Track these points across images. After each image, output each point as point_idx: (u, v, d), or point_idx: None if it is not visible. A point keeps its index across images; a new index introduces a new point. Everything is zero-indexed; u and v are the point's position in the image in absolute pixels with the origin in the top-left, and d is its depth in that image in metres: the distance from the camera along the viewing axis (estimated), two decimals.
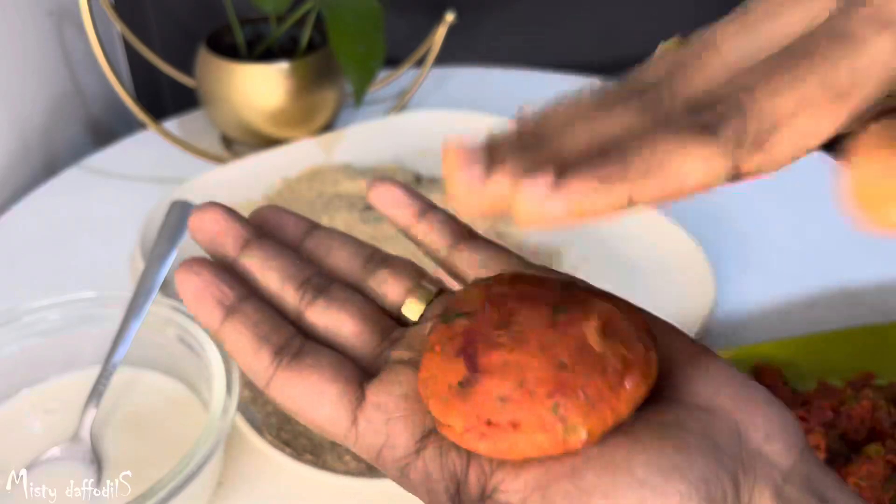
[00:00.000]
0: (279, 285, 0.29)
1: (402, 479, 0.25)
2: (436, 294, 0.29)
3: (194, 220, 0.29)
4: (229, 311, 0.27)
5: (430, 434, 0.25)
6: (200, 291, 0.27)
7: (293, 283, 0.29)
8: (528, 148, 0.21)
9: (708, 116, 0.20)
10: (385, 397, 0.26)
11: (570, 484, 0.22)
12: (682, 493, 0.22)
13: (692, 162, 0.19)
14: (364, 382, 0.27)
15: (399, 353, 0.27)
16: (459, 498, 0.24)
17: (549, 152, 0.21)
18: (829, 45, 0.20)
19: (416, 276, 0.30)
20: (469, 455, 0.24)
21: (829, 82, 0.19)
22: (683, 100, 0.21)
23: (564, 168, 0.19)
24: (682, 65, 0.22)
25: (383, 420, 0.26)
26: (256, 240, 0.29)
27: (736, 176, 0.20)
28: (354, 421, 0.26)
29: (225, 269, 0.28)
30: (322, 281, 0.29)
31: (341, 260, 0.30)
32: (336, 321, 0.28)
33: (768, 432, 0.24)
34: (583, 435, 0.22)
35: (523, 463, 0.23)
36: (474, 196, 0.21)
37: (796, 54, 0.20)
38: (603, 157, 0.20)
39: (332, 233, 0.31)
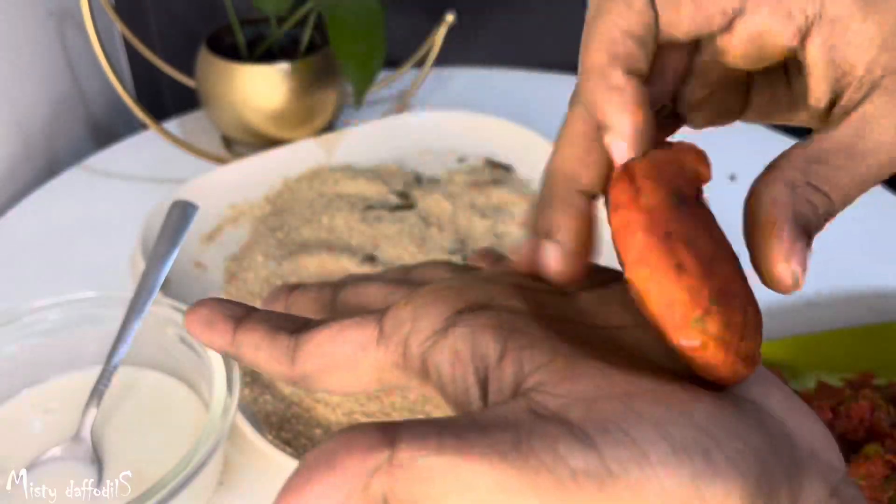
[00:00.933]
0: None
1: (425, 367, 0.24)
2: None
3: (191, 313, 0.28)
4: (239, 321, 0.27)
5: (462, 313, 0.24)
6: (208, 316, 0.27)
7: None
8: None
9: None
10: (409, 298, 0.26)
11: (620, 403, 0.21)
12: (740, 451, 0.20)
13: None
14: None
15: None
16: (487, 384, 0.23)
17: None
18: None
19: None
20: (506, 343, 0.23)
21: None
22: None
23: None
24: None
25: (410, 311, 0.25)
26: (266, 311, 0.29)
27: None
28: (381, 329, 0.25)
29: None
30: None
31: (371, 295, 0.30)
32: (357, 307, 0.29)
33: (815, 448, 0.23)
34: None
35: (576, 373, 0.22)
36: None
37: None
38: None
39: (361, 279, 0.31)
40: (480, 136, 0.79)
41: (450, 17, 0.80)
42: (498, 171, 0.76)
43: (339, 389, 0.26)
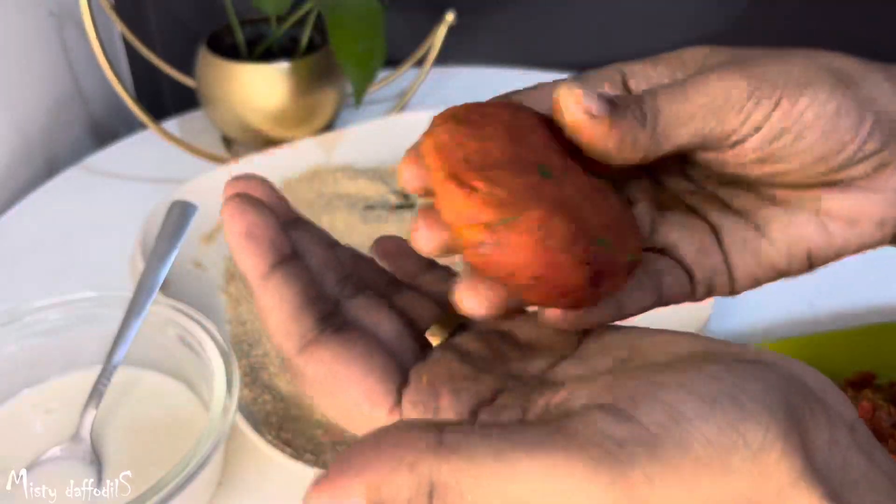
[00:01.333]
0: (320, 270, 0.27)
1: None
2: (458, 326, 0.28)
3: (242, 179, 0.26)
4: (279, 262, 0.24)
5: (483, 406, 0.24)
6: (254, 228, 0.24)
7: (334, 273, 0.27)
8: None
9: None
10: (432, 377, 0.25)
11: (639, 380, 0.22)
12: (761, 390, 0.21)
13: None
14: (408, 368, 0.26)
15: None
16: None
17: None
18: None
19: (439, 304, 0.29)
20: (529, 401, 0.24)
21: None
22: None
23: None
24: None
25: (430, 394, 0.24)
26: (303, 221, 0.27)
27: None
28: (401, 406, 0.24)
29: (276, 216, 0.25)
30: (360, 282, 0.28)
31: (367, 275, 0.29)
32: (376, 318, 0.27)
33: (825, 389, 0.22)
34: None
35: (587, 379, 0.23)
36: None
37: None
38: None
39: (353, 250, 0.30)
40: None
41: (450, 17, 0.80)
42: None
43: (318, 401, 0.25)
